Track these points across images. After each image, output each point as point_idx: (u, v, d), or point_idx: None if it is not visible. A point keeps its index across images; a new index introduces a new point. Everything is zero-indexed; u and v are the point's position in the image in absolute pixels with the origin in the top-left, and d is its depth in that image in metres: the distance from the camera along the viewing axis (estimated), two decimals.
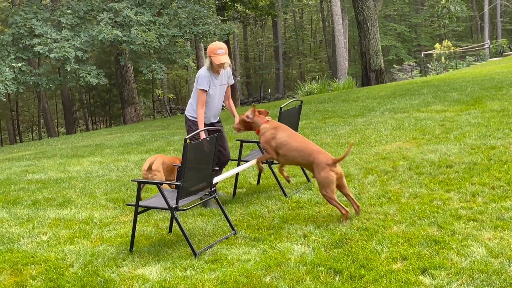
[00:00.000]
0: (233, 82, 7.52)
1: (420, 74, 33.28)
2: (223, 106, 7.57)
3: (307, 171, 7.82)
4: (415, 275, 4.49)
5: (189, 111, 7.34)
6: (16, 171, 12.03)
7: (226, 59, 7.05)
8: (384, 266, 4.71)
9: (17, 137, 41.54)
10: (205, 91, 7.10)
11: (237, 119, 7.48)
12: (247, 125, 6.91)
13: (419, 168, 7.52)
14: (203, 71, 7.15)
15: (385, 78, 24.93)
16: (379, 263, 4.77)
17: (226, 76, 7.33)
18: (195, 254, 5.49)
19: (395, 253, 4.93)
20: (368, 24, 23.98)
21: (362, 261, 4.83)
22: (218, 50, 7.04)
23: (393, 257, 4.85)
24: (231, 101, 7.62)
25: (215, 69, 7.09)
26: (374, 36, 24.08)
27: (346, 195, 6.15)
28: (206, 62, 7.14)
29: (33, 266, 5.75)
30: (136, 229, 6.08)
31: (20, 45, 19.45)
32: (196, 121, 7.24)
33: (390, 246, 5.08)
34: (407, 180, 7.10)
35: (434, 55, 35.83)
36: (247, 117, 6.83)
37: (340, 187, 6.08)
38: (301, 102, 7.79)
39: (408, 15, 55.16)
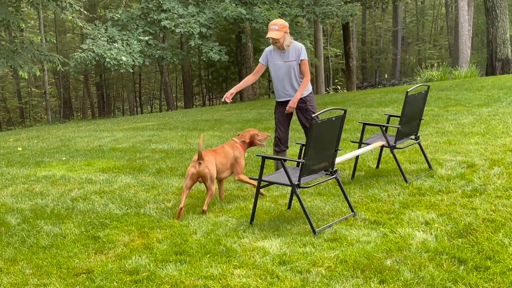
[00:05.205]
0: (305, 57, 7.25)
1: None
2: None
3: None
4: None
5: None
6: (141, 140, 12.58)
7: (273, 35, 7.13)
8: None
9: (138, 109, 43.29)
10: (261, 64, 7.50)
11: (294, 99, 7.34)
12: None
13: None
14: (268, 46, 7.49)
15: None
16: (507, 256, 4.62)
17: (295, 53, 7.27)
18: (314, 232, 5.54)
19: None
20: (497, 11, 22.96)
21: (488, 253, 4.70)
22: (272, 25, 7.20)
23: None
24: (304, 80, 7.34)
25: (275, 44, 7.17)
26: (503, 24, 23.03)
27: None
28: None
29: (158, 230, 6.02)
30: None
31: (148, 19, 20.12)
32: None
33: None
34: None
35: None
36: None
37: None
38: (428, 87, 7.61)
39: None
